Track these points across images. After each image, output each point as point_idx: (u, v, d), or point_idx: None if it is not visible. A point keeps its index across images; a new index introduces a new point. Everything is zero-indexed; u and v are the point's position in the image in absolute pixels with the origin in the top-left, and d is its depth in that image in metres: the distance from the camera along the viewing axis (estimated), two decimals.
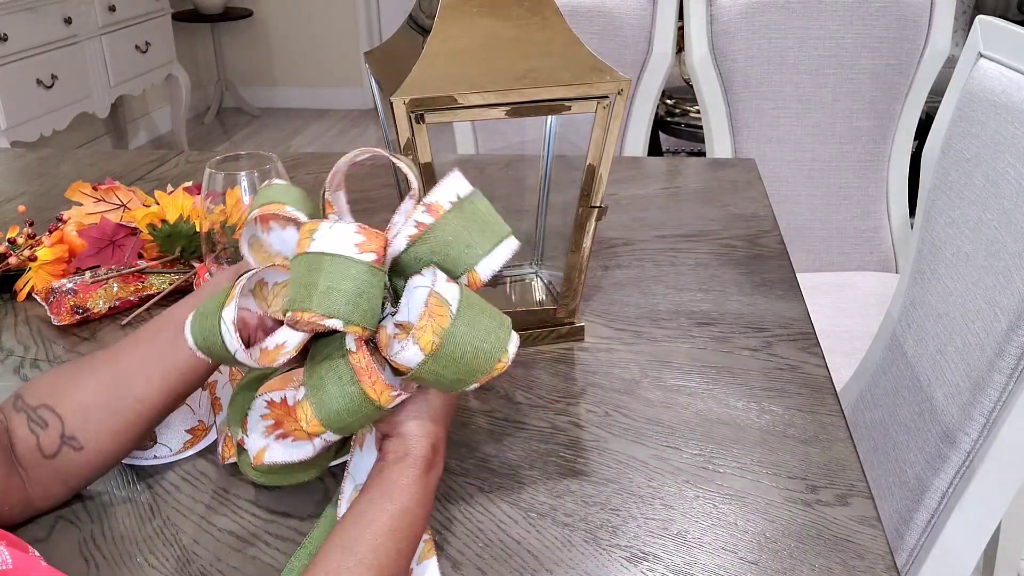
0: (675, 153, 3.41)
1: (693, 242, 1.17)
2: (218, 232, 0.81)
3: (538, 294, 1.03)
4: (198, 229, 1.02)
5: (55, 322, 0.96)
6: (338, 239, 0.58)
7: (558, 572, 0.64)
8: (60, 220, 1.08)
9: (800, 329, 0.95)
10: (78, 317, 0.96)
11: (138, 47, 3.72)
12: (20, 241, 1.06)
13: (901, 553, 1.01)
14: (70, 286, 0.97)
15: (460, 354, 0.58)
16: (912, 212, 1.52)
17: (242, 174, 0.79)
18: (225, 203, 0.80)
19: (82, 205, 1.08)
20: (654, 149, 2.86)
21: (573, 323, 0.94)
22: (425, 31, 0.82)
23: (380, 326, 0.60)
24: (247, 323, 0.64)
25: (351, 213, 0.65)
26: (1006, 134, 0.91)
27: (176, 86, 4.12)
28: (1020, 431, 0.88)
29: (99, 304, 0.97)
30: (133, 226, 1.05)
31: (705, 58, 1.75)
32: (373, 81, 0.92)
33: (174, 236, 1.03)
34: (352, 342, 0.59)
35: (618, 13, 1.82)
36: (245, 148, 3.69)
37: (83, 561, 0.66)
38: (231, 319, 0.59)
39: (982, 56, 1.01)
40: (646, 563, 0.65)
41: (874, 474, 1.09)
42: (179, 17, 4.40)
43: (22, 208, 1.23)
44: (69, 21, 3.25)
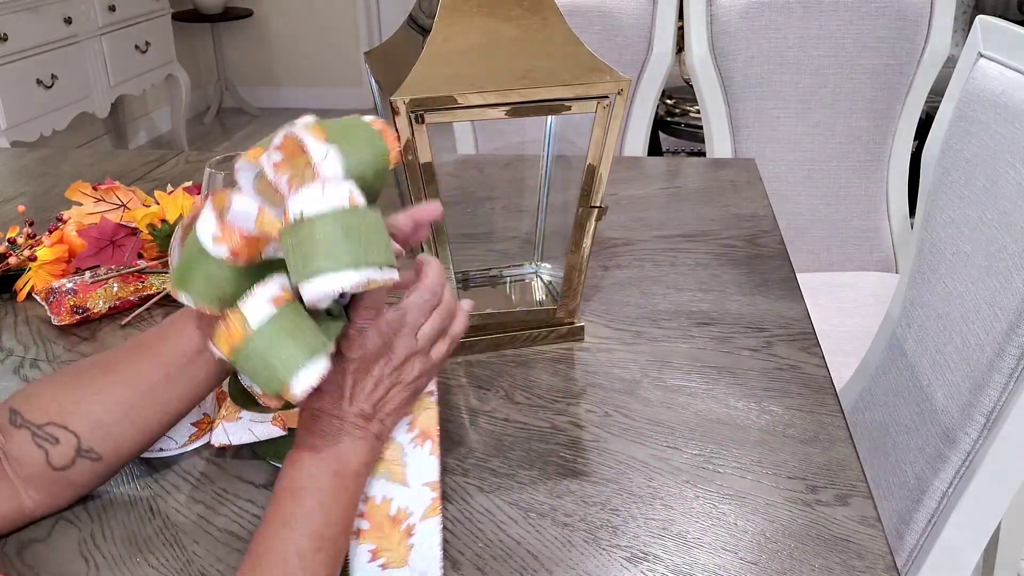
0: (675, 153, 3.41)
1: (693, 242, 1.17)
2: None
3: (538, 294, 1.03)
4: None
5: (55, 322, 0.96)
6: (202, 225, 0.58)
7: (558, 572, 0.64)
8: (60, 220, 1.08)
9: (800, 329, 0.95)
10: (78, 317, 0.96)
11: (138, 47, 3.72)
12: (20, 241, 1.06)
13: (901, 553, 1.01)
14: (70, 286, 0.97)
15: (251, 368, 0.56)
16: (912, 212, 1.52)
17: None
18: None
19: (82, 205, 1.08)
20: (654, 149, 2.86)
21: (573, 323, 0.94)
22: (425, 31, 0.82)
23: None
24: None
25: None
26: (1006, 134, 0.91)
27: (176, 86, 4.11)
28: (1020, 431, 0.88)
29: (99, 304, 0.97)
30: (133, 226, 1.05)
31: (705, 58, 1.75)
32: (373, 81, 0.92)
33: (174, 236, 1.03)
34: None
35: (618, 13, 1.82)
36: (245, 148, 3.68)
37: (83, 561, 0.66)
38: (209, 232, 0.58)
39: (982, 56, 1.01)
40: (646, 563, 0.65)
41: (874, 474, 1.09)
42: (179, 17, 4.40)
43: (22, 208, 1.23)
44: (69, 21, 3.25)
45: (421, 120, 0.78)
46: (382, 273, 0.55)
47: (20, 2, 2.99)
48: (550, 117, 0.98)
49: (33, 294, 1.01)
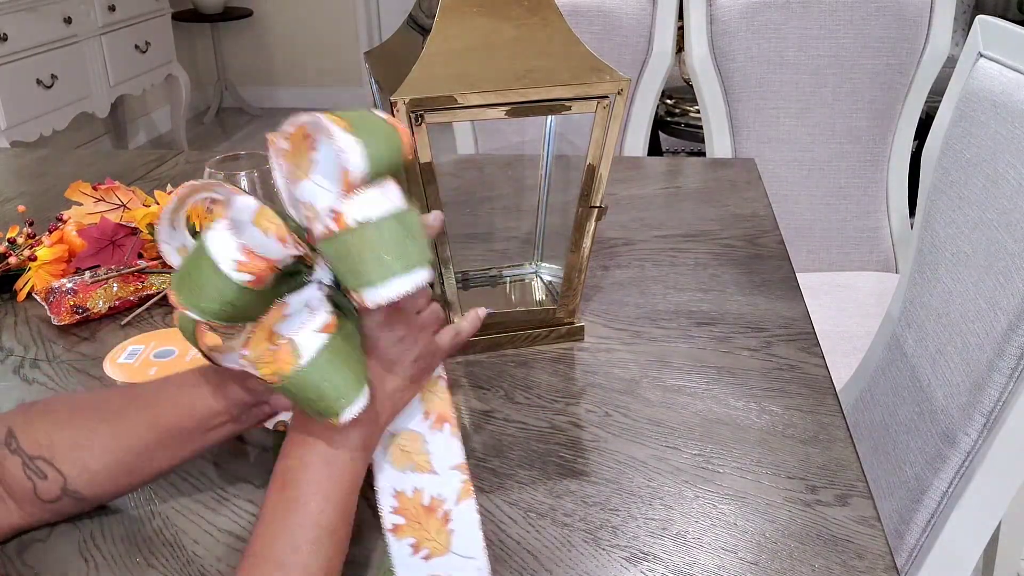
0: (675, 153, 3.41)
1: (693, 242, 1.17)
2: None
3: (538, 294, 1.03)
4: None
5: (55, 322, 0.96)
6: (219, 248, 0.56)
7: (558, 572, 0.64)
8: (60, 220, 1.08)
9: (800, 329, 0.95)
10: (78, 317, 0.96)
11: (138, 47, 3.72)
12: (20, 241, 1.06)
13: (901, 553, 1.01)
14: (70, 286, 0.97)
15: (298, 395, 0.56)
16: (912, 212, 1.52)
17: (242, 174, 0.79)
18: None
19: (82, 205, 1.08)
20: (654, 149, 2.86)
21: (573, 323, 0.94)
22: (425, 31, 0.82)
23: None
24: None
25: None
26: (1006, 134, 0.91)
27: (176, 86, 4.11)
28: (1020, 431, 0.88)
29: (99, 304, 0.97)
30: (133, 226, 1.05)
31: (705, 58, 1.75)
32: (373, 81, 0.92)
33: None
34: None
35: (618, 13, 1.82)
36: (245, 148, 3.68)
37: (83, 561, 0.66)
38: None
39: (982, 56, 1.01)
40: (646, 563, 0.65)
41: (874, 474, 1.09)
42: (179, 17, 4.40)
43: (22, 208, 1.23)
44: (69, 21, 3.25)
45: (421, 120, 0.78)
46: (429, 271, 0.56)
47: (20, 2, 2.99)
48: (550, 117, 0.98)
49: (33, 294, 1.01)
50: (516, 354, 0.92)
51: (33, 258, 1.01)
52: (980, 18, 1.03)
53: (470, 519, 0.62)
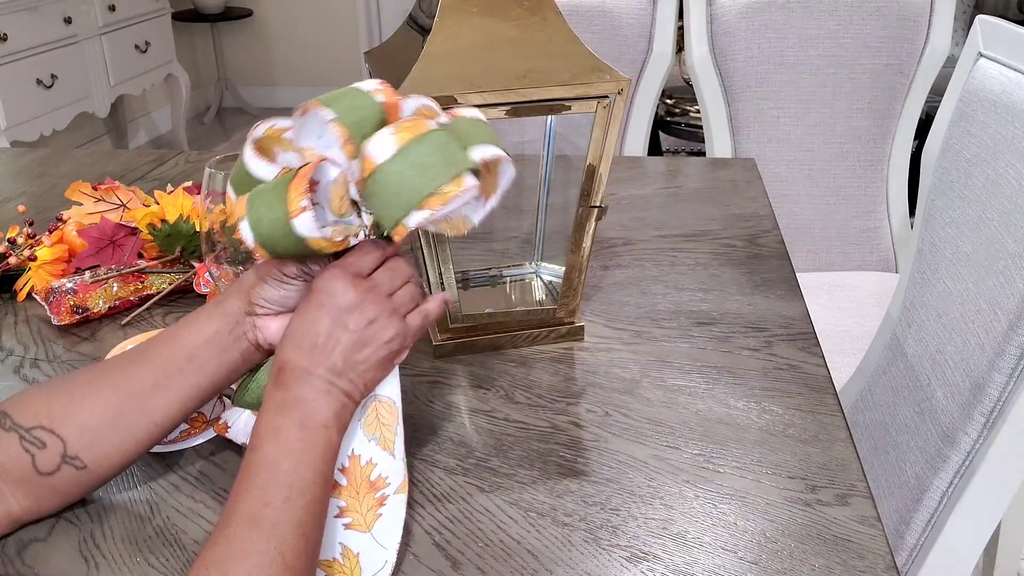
0: (675, 153, 3.41)
1: (693, 242, 1.17)
2: (218, 232, 0.81)
3: (538, 294, 1.03)
4: (198, 229, 1.02)
5: (55, 322, 0.96)
6: (302, 222, 0.60)
7: (558, 572, 0.64)
8: (60, 220, 1.08)
9: (800, 329, 0.95)
10: (78, 317, 0.96)
11: (138, 47, 3.72)
12: (20, 241, 1.06)
13: (901, 553, 1.01)
14: (70, 286, 0.97)
15: (426, 160, 0.59)
16: (912, 212, 1.52)
17: None
18: (225, 203, 0.80)
19: (82, 205, 1.08)
20: (654, 149, 2.86)
21: (573, 323, 0.94)
22: (425, 31, 0.82)
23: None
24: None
25: None
26: (1006, 134, 0.91)
27: (176, 86, 4.11)
28: (1020, 431, 0.88)
29: (99, 304, 0.97)
30: (133, 226, 1.05)
31: (705, 58, 1.75)
32: None
33: (174, 236, 1.03)
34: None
35: (618, 13, 1.82)
36: None
37: (83, 561, 0.66)
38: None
39: (982, 56, 1.01)
40: (646, 563, 0.65)
41: (874, 474, 1.09)
42: (179, 17, 4.40)
43: (22, 208, 1.23)
44: (69, 21, 3.25)
45: None
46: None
47: (20, 2, 2.99)
48: (550, 117, 0.98)
49: (33, 294, 1.01)
50: (516, 354, 0.92)
51: (33, 258, 1.01)
52: (980, 18, 1.03)
53: (398, 512, 0.65)
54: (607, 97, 0.81)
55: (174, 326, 0.68)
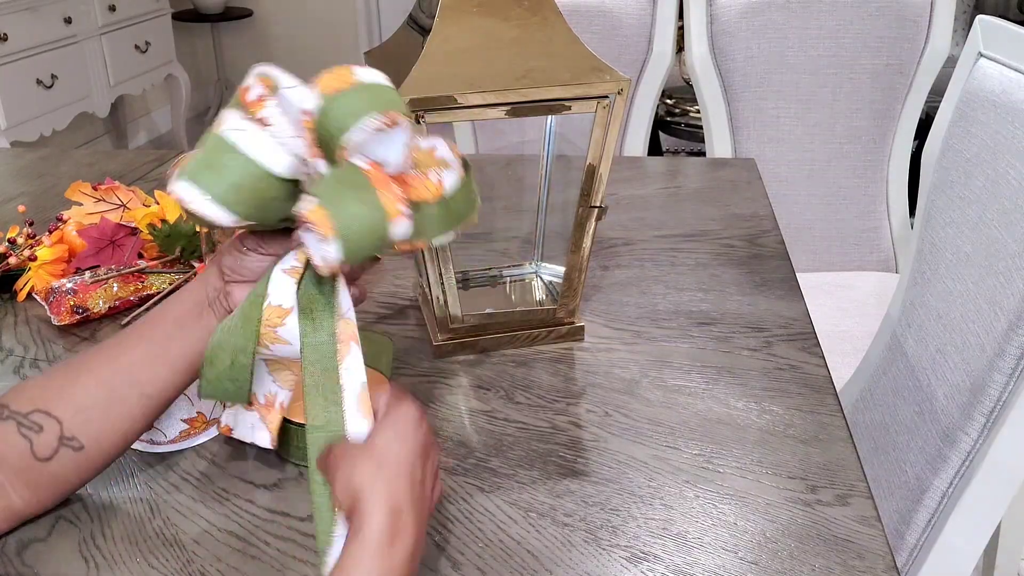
0: (675, 153, 3.41)
1: (693, 242, 1.17)
2: (218, 232, 0.81)
3: (538, 294, 1.03)
4: (198, 229, 1.02)
5: (55, 322, 0.96)
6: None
7: (558, 572, 0.64)
8: (60, 220, 1.08)
9: (800, 329, 0.95)
10: (78, 317, 0.96)
11: (138, 47, 3.72)
12: (20, 241, 1.06)
13: (901, 553, 1.01)
14: (70, 286, 0.97)
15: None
16: (912, 212, 1.52)
17: None
18: None
19: (82, 205, 1.08)
20: (654, 149, 2.85)
21: (573, 323, 0.94)
22: (425, 31, 0.82)
23: None
24: None
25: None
26: (1006, 134, 0.91)
27: (176, 86, 4.11)
28: (1020, 431, 0.88)
29: (99, 304, 0.97)
30: (133, 226, 1.05)
31: (705, 58, 1.75)
32: None
33: (174, 236, 1.03)
34: (364, 162, 0.61)
35: (618, 13, 1.82)
36: None
37: (83, 561, 0.66)
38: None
39: (982, 56, 1.01)
40: (646, 563, 0.65)
41: (874, 474, 1.09)
42: (179, 17, 4.40)
43: (22, 208, 1.23)
44: (69, 21, 3.24)
45: (421, 120, 0.78)
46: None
47: (20, 2, 2.98)
48: (550, 117, 0.98)
49: (33, 294, 1.01)
50: (516, 354, 0.92)
51: (33, 258, 1.01)
52: (980, 18, 1.03)
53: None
54: (607, 97, 0.81)
55: (165, 301, 0.70)
